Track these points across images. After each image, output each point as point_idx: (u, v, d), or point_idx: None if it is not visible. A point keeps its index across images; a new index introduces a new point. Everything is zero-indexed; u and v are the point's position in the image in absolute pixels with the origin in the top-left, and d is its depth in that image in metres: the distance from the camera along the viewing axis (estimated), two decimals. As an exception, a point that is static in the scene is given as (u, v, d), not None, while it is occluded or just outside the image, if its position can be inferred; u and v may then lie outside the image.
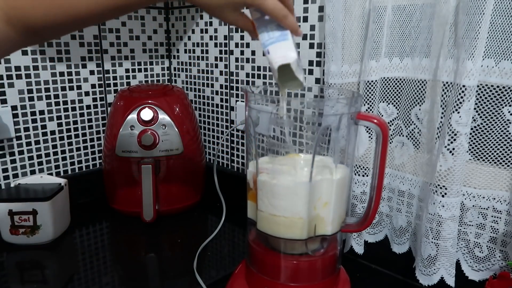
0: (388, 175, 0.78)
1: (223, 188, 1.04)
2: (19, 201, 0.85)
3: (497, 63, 0.61)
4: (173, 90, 1.04)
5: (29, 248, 0.87)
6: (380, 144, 0.59)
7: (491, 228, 0.67)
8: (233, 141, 1.13)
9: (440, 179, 0.66)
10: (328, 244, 0.64)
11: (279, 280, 0.61)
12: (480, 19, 0.58)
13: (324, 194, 0.58)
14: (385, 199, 0.79)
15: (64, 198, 0.93)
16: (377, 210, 0.63)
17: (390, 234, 0.81)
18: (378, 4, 0.70)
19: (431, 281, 0.70)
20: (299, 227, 0.57)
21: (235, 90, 1.09)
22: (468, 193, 0.68)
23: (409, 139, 0.75)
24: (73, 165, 1.09)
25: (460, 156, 0.63)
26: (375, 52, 0.72)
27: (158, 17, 1.21)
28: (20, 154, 0.99)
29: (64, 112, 1.05)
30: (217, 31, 1.09)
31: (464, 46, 0.60)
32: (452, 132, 0.63)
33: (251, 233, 0.66)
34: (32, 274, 0.79)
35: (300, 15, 0.88)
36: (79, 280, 0.76)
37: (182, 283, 0.75)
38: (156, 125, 0.96)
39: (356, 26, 0.75)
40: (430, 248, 0.69)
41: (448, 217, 0.66)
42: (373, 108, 0.74)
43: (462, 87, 0.61)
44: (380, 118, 0.58)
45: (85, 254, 0.85)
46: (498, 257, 0.67)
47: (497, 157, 0.65)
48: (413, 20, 0.70)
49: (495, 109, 0.64)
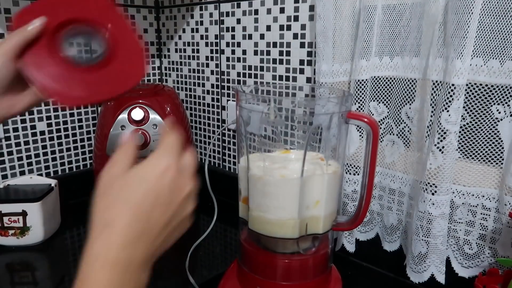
0: (379, 174, 0.78)
1: (214, 188, 1.04)
2: (9, 202, 0.84)
3: (485, 62, 0.62)
4: (164, 89, 1.04)
5: (19, 249, 0.86)
6: (371, 143, 0.59)
7: (480, 225, 0.68)
8: (225, 140, 1.12)
9: (430, 177, 0.66)
10: (319, 243, 0.64)
11: (271, 279, 0.61)
12: (469, 18, 0.58)
13: (316, 191, 0.58)
14: (376, 198, 0.80)
15: (54, 199, 0.92)
16: (368, 209, 0.63)
17: (381, 232, 0.81)
18: (368, 4, 0.70)
19: (421, 278, 0.70)
20: (290, 226, 0.57)
21: (226, 90, 1.09)
22: (458, 191, 0.68)
23: (400, 138, 0.75)
24: (63, 165, 1.08)
25: (449, 154, 0.64)
26: (365, 51, 0.72)
27: (148, 16, 1.20)
28: (10, 154, 0.98)
29: (53, 112, 1.04)
30: (208, 30, 1.09)
31: (453, 45, 0.61)
32: (441, 131, 0.64)
33: (242, 232, 0.66)
34: (22, 275, 0.78)
35: (291, 14, 0.88)
36: (70, 281, 0.75)
37: (174, 283, 0.75)
38: (147, 125, 0.95)
39: (346, 26, 0.75)
40: (421, 245, 0.69)
41: (438, 214, 0.67)
42: (364, 107, 0.74)
43: (451, 86, 0.61)
44: (370, 117, 0.58)
45: (76, 255, 0.85)
46: (487, 254, 0.68)
47: (486, 155, 0.66)
48: (403, 20, 0.70)
49: (484, 108, 0.64)
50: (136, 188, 0.36)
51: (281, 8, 0.90)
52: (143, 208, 0.35)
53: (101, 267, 0.32)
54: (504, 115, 0.63)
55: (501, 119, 0.64)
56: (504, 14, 0.60)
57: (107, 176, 0.37)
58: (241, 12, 0.99)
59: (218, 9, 1.04)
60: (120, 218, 0.34)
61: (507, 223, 0.64)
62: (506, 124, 0.63)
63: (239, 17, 1.00)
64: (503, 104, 0.63)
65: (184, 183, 0.39)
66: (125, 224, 0.34)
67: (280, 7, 0.90)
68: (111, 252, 0.33)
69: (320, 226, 0.60)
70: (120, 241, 0.33)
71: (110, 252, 0.33)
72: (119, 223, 0.34)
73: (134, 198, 0.35)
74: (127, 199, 0.35)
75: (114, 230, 0.34)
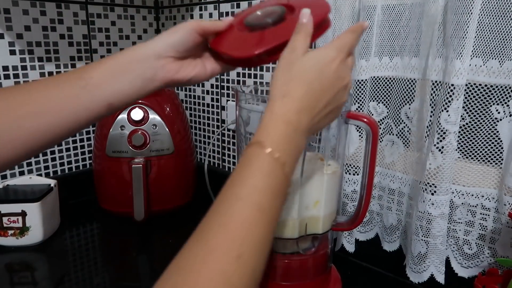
0: (379, 174, 0.78)
1: (214, 188, 1.04)
2: (8, 203, 0.84)
3: (484, 62, 0.62)
4: (163, 89, 1.04)
5: (19, 250, 0.86)
6: (370, 143, 0.59)
7: (479, 225, 0.68)
8: (224, 140, 1.12)
9: (430, 177, 0.66)
10: (319, 243, 0.64)
11: (270, 279, 0.61)
12: (468, 18, 0.58)
13: (315, 191, 0.58)
14: (376, 198, 0.80)
15: (54, 199, 0.92)
16: (368, 209, 0.63)
17: (380, 232, 0.81)
18: (367, 4, 0.70)
19: (421, 278, 0.70)
20: (290, 226, 0.57)
21: (226, 90, 1.09)
22: (457, 191, 0.69)
23: (399, 138, 0.75)
24: (63, 165, 1.08)
25: (449, 154, 0.64)
26: (365, 52, 0.72)
27: (148, 16, 1.20)
28: (9, 155, 0.98)
29: (53, 112, 1.04)
30: (208, 30, 1.08)
31: (452, 46, 0.61)
32: (441, 131, 0.64)
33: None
34: (21, 276, 0.78)
35: (290, 15, 0.88)
36: (70, 281, 0.75)
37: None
38: (146, 125, 0.95)
39: (346, 26, 0.75)
40: (420, 245, 0.69)
41: (438, 214, 0.67)
42: (363, 107, 0.74)
43: (450, 86, 0.61)
44: (370, 117, 0.58)
45: (75, 255, 0.85)
46: (487, 254, 0.68)
47: (485, 155, 0.66)
48: (403, 20, 0.70)
49: (483, 108, 0.64)
50: (309, 70, 0.44)
51: (280, 8, 0.90)
52: (313, 87, 0.43)
53: (280, 122, 0.41)
54: (503, 115, 0.63)
55: (501, 119, 0.64)
56: (503, 14, 0.60)
57: (289, 56, 0.45)
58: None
59: (217, 9, 1.04)
60: (296, 91, 0.43)
61: (506, 223, 0.64)
62: (506, 124, 0.63)
63: (238, 17, 0.99)
64: (502, 104, 0.63)
65: (345, 75, 0.46)
66: (299, 96, 0.43)
67: (280, 7, 0.90)
68: (288, 114, 0.42)
69: (319, 226, 0.60)
70: (294, 107, 0.42)
71: (287, 113, 0.42)
72: (295, 94, 0.43)
73: (307, 77, 0.44)
74: (302, 77, 0.44)
75: (291, 99, 0.42)
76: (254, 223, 0.36)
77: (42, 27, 0.99)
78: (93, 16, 1.08)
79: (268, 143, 0.39)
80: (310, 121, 0.43)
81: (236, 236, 0.34)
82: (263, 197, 0.37)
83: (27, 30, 0.96)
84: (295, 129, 0.42)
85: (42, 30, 0.99)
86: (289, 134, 0.41)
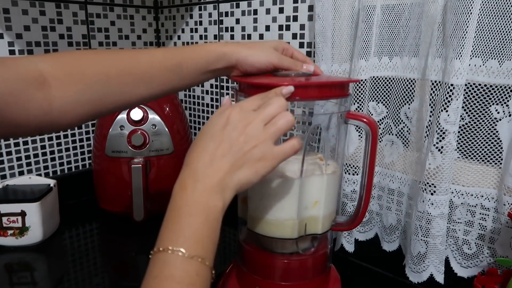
0: (378, 174, 0.78)
1: (214, 188, 1.04)
2: (7, 202, 0.84)
3: (484, 62, 0.62)
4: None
5: (18, 249, 0.86)
6: (370, 143, 0.59)
7: (479, 225, 0.68)
8: (224, 140, 1.12)
9: (429, 177, 0.66)
10: (318, 243, 0.64)
11: (270, 279, 0.61)
12: (468, 18, 0.58)
13: (315, 191, 0.58)
14: (375, 198, 0.80)
15: (53, 199, 0.92)
16: (367, 209, 0.63)
17: (380, 232, 0.81)
18: (367, 4, 0.70)
19: (420, 278, 0.70)
20: (289, 226, 0.57)
21: (225, 90, 1.09)
22: (457, 191, 0.69)
23: (399, 138, 0.75)
24: (62, 165, 1.08)
25: (448, 154, 0.64)
26: (364, 51, 0.72)
27: (147, 16, 1.20)
28: (8, 154, 0.98)
29: (52, 112, 1.04)
30: (207, 30, 1.08)
31: (452, 46, 0.61)
32: (440, 131, 0.64)
33: (241, 232, 0.66)
34: (21, 276, 0.78)
35: (290, 14, 0.88)
36: (69, 281, 0.75)
37: (173, 283, 0.75)
38: (146, 125, 0.95)
39: (345, 26, 0.75)
40: (420, 245, 0.69)
41: (437, 214, 0.67)
42: (363, 107, 0.74)
43: (450, 86, 0.61)
44: (369, 117, 0.58)
45: (75, 255, 0.85)
46: (486, 253, 0.68)
47: (485, 155, 0.66)
48: (402, 20, 0.70)
49: (483, 108, 0.64)
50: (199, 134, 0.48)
51: (280, 8, 0.90)
52: (198, 143, 0.47)
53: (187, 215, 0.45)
54: (503, 115, 0.63)
55: (500, 119, 0.64)
56: (503, 14, 0.60)
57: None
58: (240, 12, 0.99)
59: (217, 9, 1.04)
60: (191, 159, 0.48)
61: (506, 223, 0.64)
62: (505, 124, 0.63)
63: (238, 17, 1.00)
64: (502, 104, 0.63)
65: (244, 125, 0.44)
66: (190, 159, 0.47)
67: (279, 7, 0.90)
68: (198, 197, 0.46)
69: (319, 226, 0.60)
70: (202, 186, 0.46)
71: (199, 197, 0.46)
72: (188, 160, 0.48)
73: (198, 140, 0.47)
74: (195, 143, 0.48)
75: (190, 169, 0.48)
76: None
77: (41, 27, 0.99)
78: (92, 16, 1.08)
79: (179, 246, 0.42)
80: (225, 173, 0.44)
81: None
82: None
83: (27, 30, 0.96)
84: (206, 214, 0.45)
85: (41, 30, 0.99)
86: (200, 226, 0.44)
